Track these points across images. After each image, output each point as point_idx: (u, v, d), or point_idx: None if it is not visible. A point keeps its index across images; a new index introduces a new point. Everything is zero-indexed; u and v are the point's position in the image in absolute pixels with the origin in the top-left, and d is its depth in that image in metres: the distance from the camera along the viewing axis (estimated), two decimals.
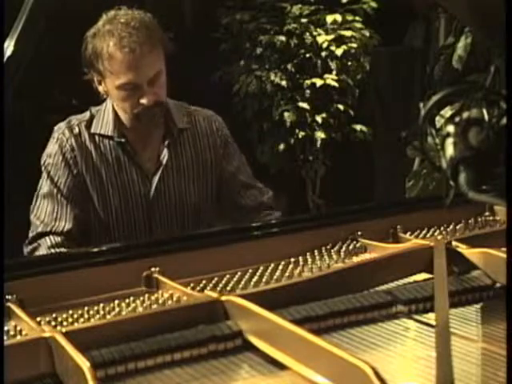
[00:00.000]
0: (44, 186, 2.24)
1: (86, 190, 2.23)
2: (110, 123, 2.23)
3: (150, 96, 2.13)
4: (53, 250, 2.17)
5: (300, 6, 4.58)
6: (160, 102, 2.16)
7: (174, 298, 1.47)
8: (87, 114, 2.28)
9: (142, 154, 2.26)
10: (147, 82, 2.12)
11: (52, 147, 2.25)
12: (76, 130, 2.24)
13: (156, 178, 2.24)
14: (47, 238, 2.19)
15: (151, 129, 2.23)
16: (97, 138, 2.24)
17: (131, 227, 2.24)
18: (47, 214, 2.21)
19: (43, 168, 2.25)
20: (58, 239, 2.18)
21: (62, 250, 2.17)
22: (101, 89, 2.21)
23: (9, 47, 1.58)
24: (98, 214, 2.23)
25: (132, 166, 2.24)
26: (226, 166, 2.32)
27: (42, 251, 2.19)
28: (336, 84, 4.48)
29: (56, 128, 2.27)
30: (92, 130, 2.24)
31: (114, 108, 2.24)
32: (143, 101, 2.13)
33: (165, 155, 2.25)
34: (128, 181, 2.24)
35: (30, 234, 2.23)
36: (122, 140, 2.23)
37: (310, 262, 1.68)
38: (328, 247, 1.78)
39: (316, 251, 1.75)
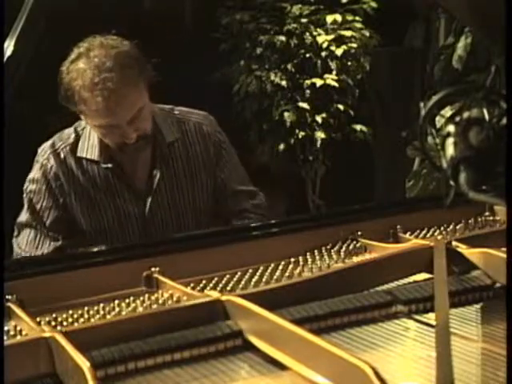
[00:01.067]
0: (25, 214, 2.18)
1: (73, 219, 2.16)
2: (96, 147, 2.13)
3: (132, 134, 2.04)
4: None
5: (300, 5, 4.58)
6: (144, 136, 2.08)
7: (174, 298, 1.47)
8: (72, 136, 2.17)
9: (132, 175, 2.17)
10: (127, 122, 2.02)
11: (35, 173, 2.17)
12: (61, 155, 2.15)
13: (149, 199, 2.17)
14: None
15: (138, 149, 2.12)
16: (84, 162, 2.15)
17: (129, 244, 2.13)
18: (29, 244, 2.15)
19: (25, 194, 2.18)
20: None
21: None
22: (82, 117, 2.11)
23: (9, 47, 1.58)
24: (91, 239, 2.15)
25: (123, 189, 2.16)
26: (219, 173, 2.24)
27: None
28: (336, 84, 4.48)
29: (40, 150, 2.19)
30: (78, 154, 2.14)
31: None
32: (125, 140, 2.05)
33: (156, 174, 2.17)
34: (120, 203, 2.16)
35: (14, 256, 2.16)
36: (109, 165, 2.14)
37: (310, 262, 1.68)
38: (328, 247, 1.78)
39: (316, 251, 1.75)
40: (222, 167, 2.25)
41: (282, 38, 4.48)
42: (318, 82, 4.47)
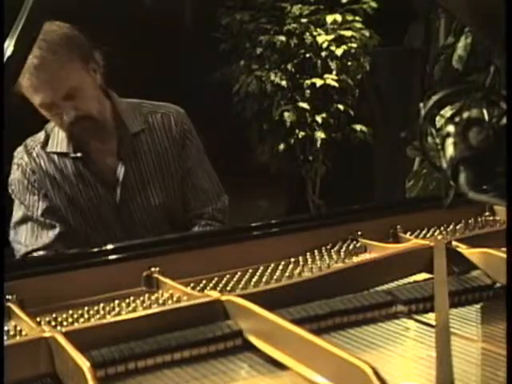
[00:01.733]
0: (18, 210, 2.23)
1: (58, 207, 2.22)
2: (64, 140, 2.22)
3: (70, 111, 2.09)
4: None
5: (300, 5, 4.58)
6: (86, 116, 2.12)
7: (174, 298, 1.47)
8: (42, 134, 2.26)
9: (101, 166, 2.23)
10: (62, 98, 2.07)
11: (14, 174, 2.25)
12: (33, 154, 2.23)
13: (119, 188, 2.22)
14: (32, 255, 2.17)
15: (102, 135, 2.20)
16: (55, 156, 2.22)
17: (106, 235, 2.22)
18: (27, 237, 2.19)
19: (13, 195, 2.25)
20: (41, 254, 2.16)
21: None
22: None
23: (9, 47, 1.58)
24: (72, 229, 2.22)
25: (95, 179, 2.22)
26: (182, 163, 2.28)
27: None
28: (336, 84, 4.48)
29: (15, 154, 2.27)
30: (48, 149, 2.23)
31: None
32: (64, 117, 2.10)
33: (121, 166, 2.22)
34: (93, 192, 2.22)
35: (16, 256, 2.20)
36: (78, 155, 2.21)
37: (310, 262, 1.68)
38: (328, 247, 1.78)
39: (316, 251, 1.75)
40: (185, 158, 2.28)
41: (282, 38, 4.49)
42: (318, 82, 4.47)
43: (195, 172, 2.29)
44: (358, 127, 4.63)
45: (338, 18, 4.50)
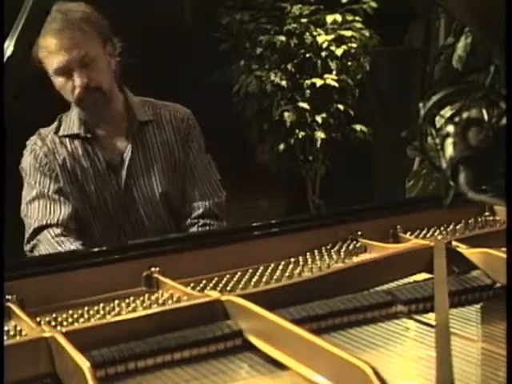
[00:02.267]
0: (31, 191, 2.31)
1: (68, 190, 2.31)
2: (76, 122, 2.32)
3: (83, 78, 2.20)
4: (54, 242, 2.21)
5: (300, 5, 4.58)
6: (96, 87, 2.23)
7: (174, 298, 1.47)
8: (56, 123, 2.37)
9: (109, 149, 2.34)
10: (78, 64, 2.19)
11: (26, 158, 2.34)
12: (46, 139, 2.33)
13: (124, 172, 2.32)
14: (45, 231, 2.24)
15: (111, 120, 2.32)
16: (66, 140, 2.33)
17: (109, 220, 2.32)
18: (40, 211, 2.27)
19: (25, 177, 2.34)
20: (58, 230, 2.24)
21: (63, 239, 2.21)
22: (56, 86, 2.28)
23: (9, 47, 1.58)
24: (79, 210, 2.30)
25: (102, 161, 2.32)
26: (185, 157, 2.37)
27: (43, 245, 2.23)
28: (336, 84, 4.48)
29: (28, 141, 2.37)
30: (60, 134, 2.33)
31: (77, 110, 2.32)
32: (75, 84, 2.20)
33: (128, 149, 2.33)
34: (100, 176, 2.31)
35: (27, 233, 2.28)
36: (88, 135, 2.31)
37: (310, 262, 1.68)
38: (328, 247, 1.78)
39: (316, 251, 1.75)
40: (188, 152, 2.37)
41: (282, 38, 4.49)
42: (318, 82, 4.47)
43: (196, 166, 2.38)
44: (358, 127, 4.63)
45: (338, 17, 4.50)
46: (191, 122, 2.40)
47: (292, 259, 1.70)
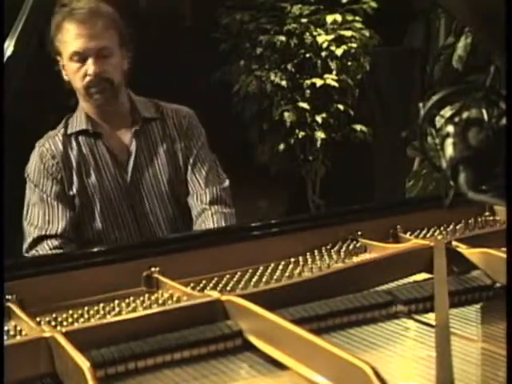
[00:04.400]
0: (32, 194, 2.36)
1: (72, 191, 2.34)
2: (83, 119, 2.37)
3: (96, 67, 2.25)
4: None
5: (300, 5, 4.57)
6: (106, 78, 2.28)
7: (174, 298, 1.47)
8: (62, 123, 2.41)
9: (115, 145, 2.38)
10: (95, 53, 2.26)
11: (33, 159, 2.38)
12: (55, 139, 2.38)
13: (130, 167, 2.36)
14: (44, 242, 2.28)
15: (116, 117, 2.37)
16: (73, 137, 2.37)
17: (116, 216, 2.35)
18: (40, 219, 2.31)
19: (28, 180, 2.38)
20: (56, 242, 2.28)
21: (61, 251, 2.25)
22: (64, 75, 2.34)
23: (9, 47, 1.58)
24: (85, 209, 2.34)
25: (108, 157, 2.36)
26: (188, 152, 2.41)
27: None
28: (336, 84, 4.47)
29: (37, 144, 2.40)
30: (68, 132, 2.38)
31: (83, 107, 2.37)
32: (89, 71, 2.26)
33: (133, 144, 2.37)
34: (106, 171, 2.36)
35: (27, 242, 2.31)
36: (96, 131, 2.36)
37: (310, 262, 1.68)
38: (328, 247, 1.78)
39: (316, 251, 1.75)
40: (191, 147, 2.41)
41: (282, 38, 4.48)
42: (318, 82, 4.47)
43: (200, 158, 2.42)
44: (358, 127, 4.62)
45: (338, 17, 4.50)
46: (193, 120, 2.45)
47: (292, 259, 1.70)
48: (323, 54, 4.51)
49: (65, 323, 1.39)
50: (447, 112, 1.10)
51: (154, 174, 2.38)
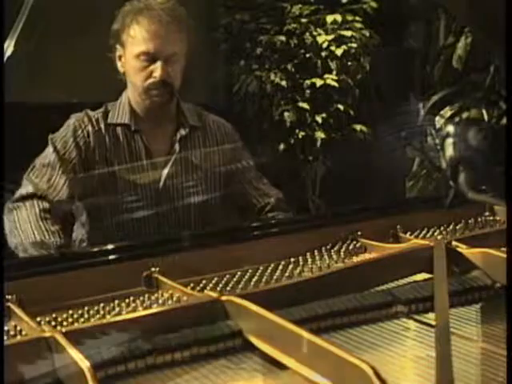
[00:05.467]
0: (48, 156, 2.26)
1: (90, 175, 2.27)
2: (127, 113, 2.30)
3: (162, 72, 2.20)
4: (37, 216, 2.16)
5: (300, 5, 4.58)
6: (169, 83, 2.23)
7: (174, 298, 1.47)
8: (102, 109, 2.34)
9: (155, 146, 2.31)
10: (164, 58, 2.20)
11: (66, 129, 2.29)
12: (94, 119, 2.30)
13: (165, 172, 2.29)
14: (35, 201, 2.19)
15: (163, 119, 2.31)
16: (112, 128, 2.29)
17: (139, 215, 2.27)
18: (43, 181, 2.24)
19: (51, 143, 2.27)
20: (47, 205, 2.19)
21: (47, 216, 2.17)
22: (119, 66, 2.28)
23: (9, 47, 1.58)
24: (105, 201, 2.26)
25: (145, 157, 2.29)
26: (232, 164, 2.37)
27: (23, 213, 2.17)
28: (336, 84, 4.48)
29: (72, 116, 2.32)
30: (109, 121, 2.31)
31: (129, 101, 2.31)
32: (155, 73, 2.21)
33: (176, 149, 2.31)
34: (139, 170, 2.29)
35: (18, 192, 2.23)
36: (139, 128, 2.29)
37: (310, 262, 1.68)
38: (328, 247, 1.78)
39: (316, 251, 1.75)
40: (235, 160, 2.38)
41: (282, 38, 4.48)
42: (318, 82, 4.47)
43: (249, 171, 2.41)
44: (358, 127, 4.62)
45: (338, 18, 4.50)
46: (236, 138, 2.43)
47: (292, 259, 1.70)
48: (323, 53, 4.51)
49: (65, 323, 1.39)
50: (447, 112, 1.10)
51: (187, 187, 2.31)
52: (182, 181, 2.30)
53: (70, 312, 1.43)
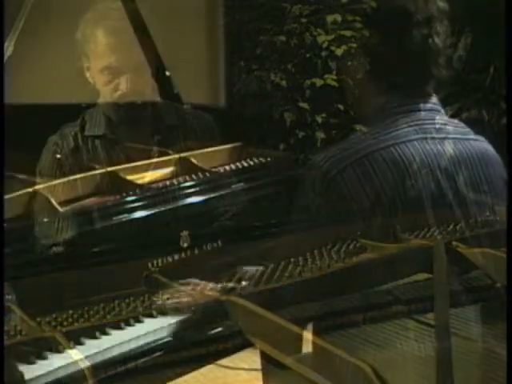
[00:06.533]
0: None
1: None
2: (102, 123, 2.30)
3: (129, 84, 2.19)
4: None
5: (300, 5, 4.57)
6: (139, 92, 2.24)
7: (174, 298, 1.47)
8: (79, 120, 2.33)
9: (133, 152, 2.30)
10: (129, 69, 2.19)
11: (44, 155, 2.30)
12: (69, 137, 2.30)
13: (149, 174, 2.26)
14: None
15: (139, 125, 2.31)
16: (91, 140, 2.30)
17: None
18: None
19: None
20: None
21: None
22: (88, 76, 2.27)
23: (9, 47, 1.58)
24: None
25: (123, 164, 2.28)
26: None
27: None
28: (336, 84, 4.47)
29: (49, 139, 2.32)
30: (86, 133, 2.30)
31: (103, 109, 2.30)
32: (121, 86, 2.19)
33: (154, 152, 2.28)
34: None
35: None
36: (114, 137, 2.30)
37: (309, 262, 1.68)
38: (328, 247, 1.78)
39: (316, 251, 1.75)
40: None
41: (282, 38, 4.48)
42: (318, 82, 4.46)
43: None
44: (358, 127, 4.62)
45: (338, 18, 4.49)
46: (214, 129, 2.47)
47: (292, 259, 1.69)
48: (323, 53, 4.51)
49: (65, 323, 1.39)
50: (447, 112, 1.10)
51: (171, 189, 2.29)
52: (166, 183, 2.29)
53: (70, 312, 1.43)
